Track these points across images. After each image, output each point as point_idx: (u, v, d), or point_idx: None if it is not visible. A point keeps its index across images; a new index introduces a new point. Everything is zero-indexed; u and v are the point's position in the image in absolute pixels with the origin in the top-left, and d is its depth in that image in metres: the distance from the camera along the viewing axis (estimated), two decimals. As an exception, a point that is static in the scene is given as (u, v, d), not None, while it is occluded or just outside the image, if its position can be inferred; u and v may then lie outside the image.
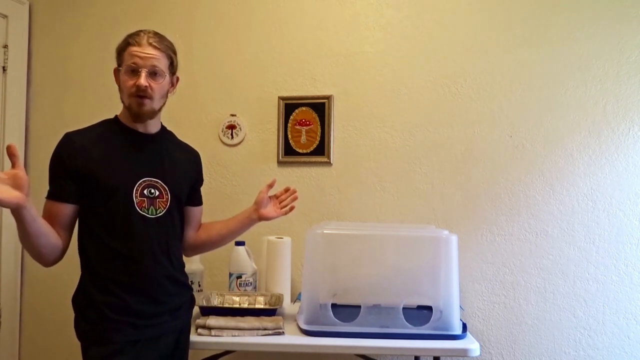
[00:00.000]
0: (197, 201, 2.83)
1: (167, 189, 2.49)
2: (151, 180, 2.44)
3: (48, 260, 2.32)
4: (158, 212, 2.45)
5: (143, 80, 2.35)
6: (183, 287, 2.63)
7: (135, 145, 2.47)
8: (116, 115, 2.54)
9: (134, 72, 2.37)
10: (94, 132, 2.43)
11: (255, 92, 3.77)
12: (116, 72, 2.46)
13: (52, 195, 2.33)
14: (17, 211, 2.06)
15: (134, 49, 2.37)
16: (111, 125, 2.50)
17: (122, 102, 2.45)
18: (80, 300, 2.39)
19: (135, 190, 2.38)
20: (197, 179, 2.80)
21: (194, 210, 2.79)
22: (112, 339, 2.30)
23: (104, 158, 2.36)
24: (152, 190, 2.43)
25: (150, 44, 2.39)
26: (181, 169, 2.64)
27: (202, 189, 3.52)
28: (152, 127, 2.54)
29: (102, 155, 2.36)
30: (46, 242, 2.24)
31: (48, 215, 2.31)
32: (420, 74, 3.64)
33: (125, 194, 2.36)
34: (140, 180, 2.41)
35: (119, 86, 2.44)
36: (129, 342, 2.33)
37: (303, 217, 3.69)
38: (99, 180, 2.32)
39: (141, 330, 2.37)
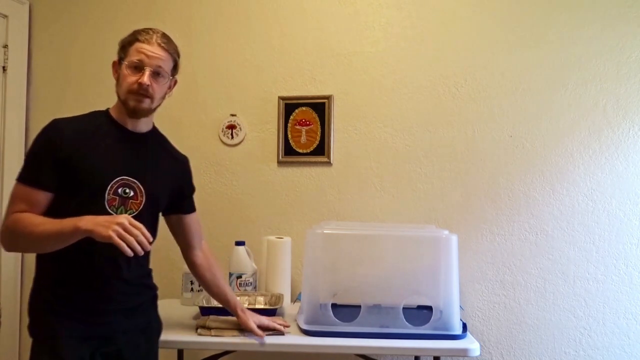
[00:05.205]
0: (189, 208, 2.78)
1: (143, 190, 2.43)
2: (128, 180, 2.38)
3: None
4: (128, 213, 2.36)
5: (146, 78, 2.32)
6: (141, 287, 2.57)
7: (120, 142, 2.42)
8: (108, 108, 2.50)
9: (138, 69, 2.33)
10: (82, 123, 2.38)
11: (255, 92, 3.77)
12: (116, 64, 2.43)
13: (32, 182, 2.26)
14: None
15: (143, 46, 2.34)
16: (101, 118, 2.45)
17: (118, 95, 2.42)
18: (35, 294, 2.36)
19: (110, 187, 2.32)
20: (184, 187, 2.74)
21: (187, 218, 2.75)
22: (58, 334, 2.25)
23: (86, 150, 2.30)
24: (127, 190, 2.37)
25: (159, 45, 2.37)
26: (164, 174, 2.57)
27: (202, 189, 3.53)
28: (143, 126, 2.50)
29: (85, 147, 2.30)
30: None
31: (24, 202, 2.24)
32: (420, 73, 3.64)
33: (99, 190, 2.31)
34: (118, 178, 2.35)
35: (117, 79, 2.41)
36: (76, 338, 2.28)
37: (303, 217, 3.69)
38: (77, 172, 2.27)
39: (89, 327, 2.32)
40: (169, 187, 2.60)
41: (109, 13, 3.90)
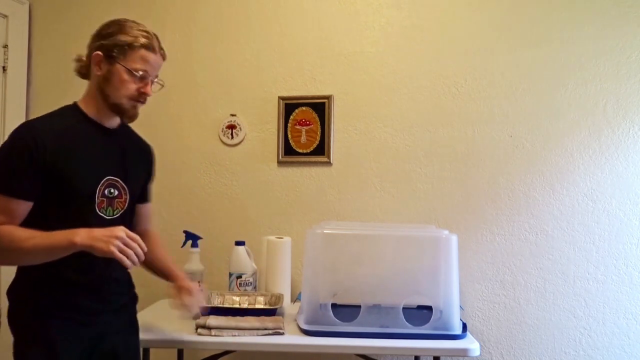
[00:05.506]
0: (146, 198, 2.71)
1: (126, 189, 2.40)
2: (113, 179, 2.34)
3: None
4: (115, 212, 2.35)
5: (150, 89, 2.31)
6: (127, 286, 2.55)
7: (99, 141, 2.35)
8: (76, 104, 2.40)
9: (141, 77, 2.28)
10: (58, 124, 2.26)
11: (255, 92, 3.77)
12: (100, 58, 2.30)
13: (13, 192, 2.13)
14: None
15: (149, 55, 2.29)
16: (75, 116, 2.34)
17: (105, 94, 2.31)
18: (23, 295, 2.26)
19: (99, 190, 2.28)
20: (149, 176, 2.69)
21: (142, 208, 2.69)
22: (54, 337, 2.19)
23: (70, 154, 2.21)
24: (112, 190, 2.33)
25: (161, 54, 2.35)
26: (138, 166, 2.56)
27: (202, 189, 3.52)
28: (116, 121, 2.42)
29: (68, 150, 2.20)
30: None
31: (4, 213, 2.12)
32: (420, 73, 3.64)
33: (89, 195, 2.26)
34: (104, 180, 2.30)
35: (106, 77, 2.29)
36: (72, 341, 2.23)
37: (303, 217, 3.69)
38: (65, 178, 2.18)
39: (85, 328, 2.28)
40: (142, 180, 2.59)
41: (109, 13, 3.87)
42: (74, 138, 2.25)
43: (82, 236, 2.06)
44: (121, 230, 2.09)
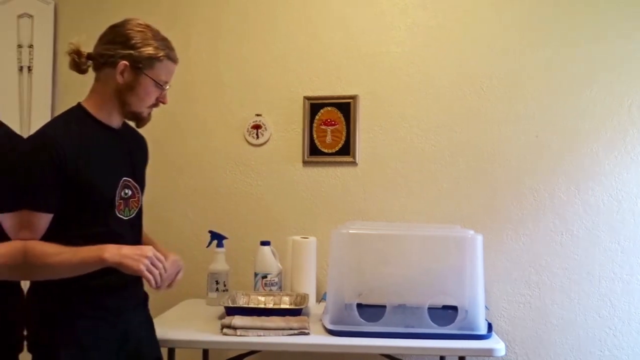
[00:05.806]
0: None
1: (138, 187, 2.42)
2: (126, 180, 2.35)
3: None
4: (131, 212, 2.37)
5: (167, 97, 2.37)
6: (142, 284, 2.50)
7: (111, 143, 2.35)
8: (82, 105, 2.33)
9: (162, 87, 2.32)
10: (72, 129, 2.21)
11: (280, 92, 3.78)
12: (127, 68, 2.23)
13: (33, 205, 2.11)
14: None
15: (172, 65, 2.34)
16: (85, 119, 2.29)
17: (126, 104, 2.29)
18: (48, 297, 2.22)
19: (117, 194, 2.29)
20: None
21: None
22: (86, 340, 2.20)
23: (89, 160, 2.20)
24: (127, 191, 2.34)
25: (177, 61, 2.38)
26: (141, 163, 2.58)
27: (227, 188, 3.53)
28: (120, 121, 2.42)
29: (87, 157, 2.19)
30: None
31: (28, 229, 2.10)
32: (446, 73, 3.63)
33: (110, 199, 2.27)
34: (120, 182, 2.31)
35: (130, 85, 2.25)
36: (102, 343, 2.24)
37: (328, 217, 3.69)
38: (88, 186, 2.18)
39: (112, 327, 2.29)
40: (144, 175, 2.59)
41: (134, 14, 3.87)
42: (90, 144, 2.24)
43: (111, 253, 2.08)
44: (150, 250, 2.13)
